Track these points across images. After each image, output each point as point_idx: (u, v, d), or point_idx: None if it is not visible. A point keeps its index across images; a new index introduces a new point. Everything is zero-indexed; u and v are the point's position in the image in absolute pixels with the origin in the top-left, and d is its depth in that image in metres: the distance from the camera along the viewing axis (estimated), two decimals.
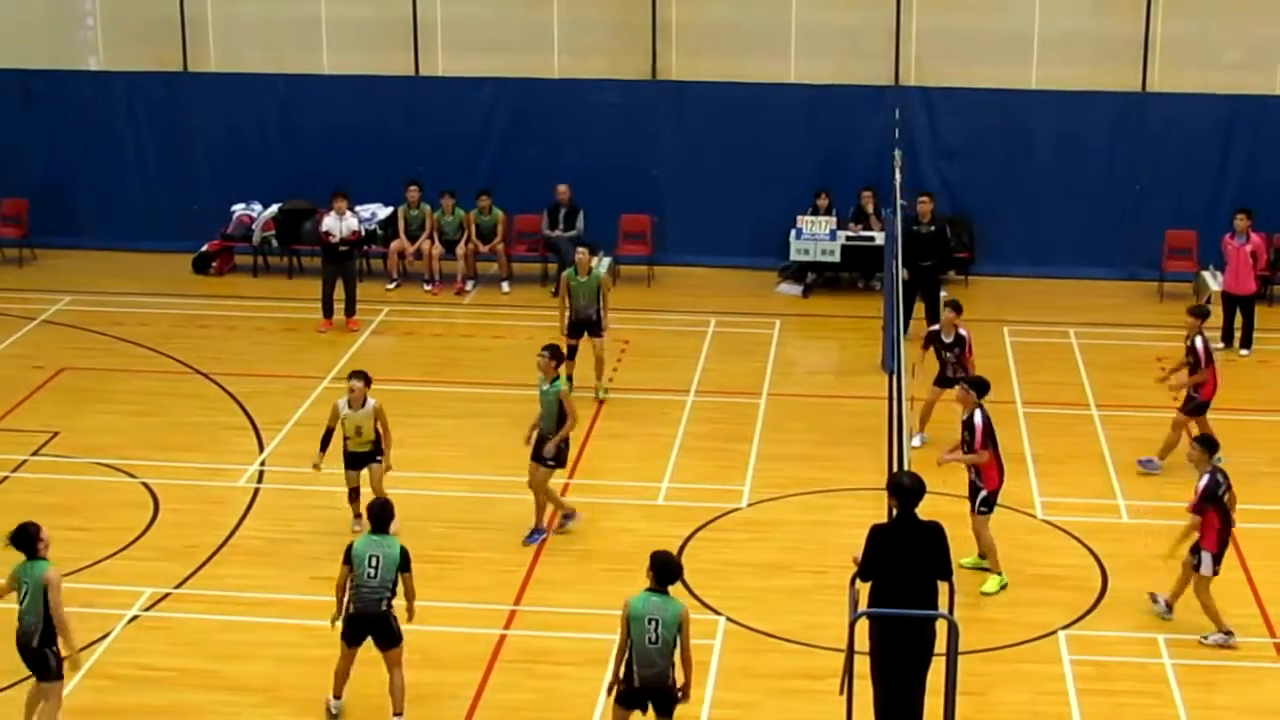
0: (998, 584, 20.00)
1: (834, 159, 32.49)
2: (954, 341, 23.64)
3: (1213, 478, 19.03)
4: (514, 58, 33.35)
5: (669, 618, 15.60)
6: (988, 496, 20.04)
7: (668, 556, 16.00)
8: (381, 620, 17.03)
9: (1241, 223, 28.40)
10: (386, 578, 16.92)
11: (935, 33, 32.69)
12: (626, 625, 15.68)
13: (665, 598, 15.70)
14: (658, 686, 15.78)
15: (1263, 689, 18.10)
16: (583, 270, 25.98)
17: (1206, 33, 32.21)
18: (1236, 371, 27.70)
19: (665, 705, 15.88)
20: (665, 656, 15.66)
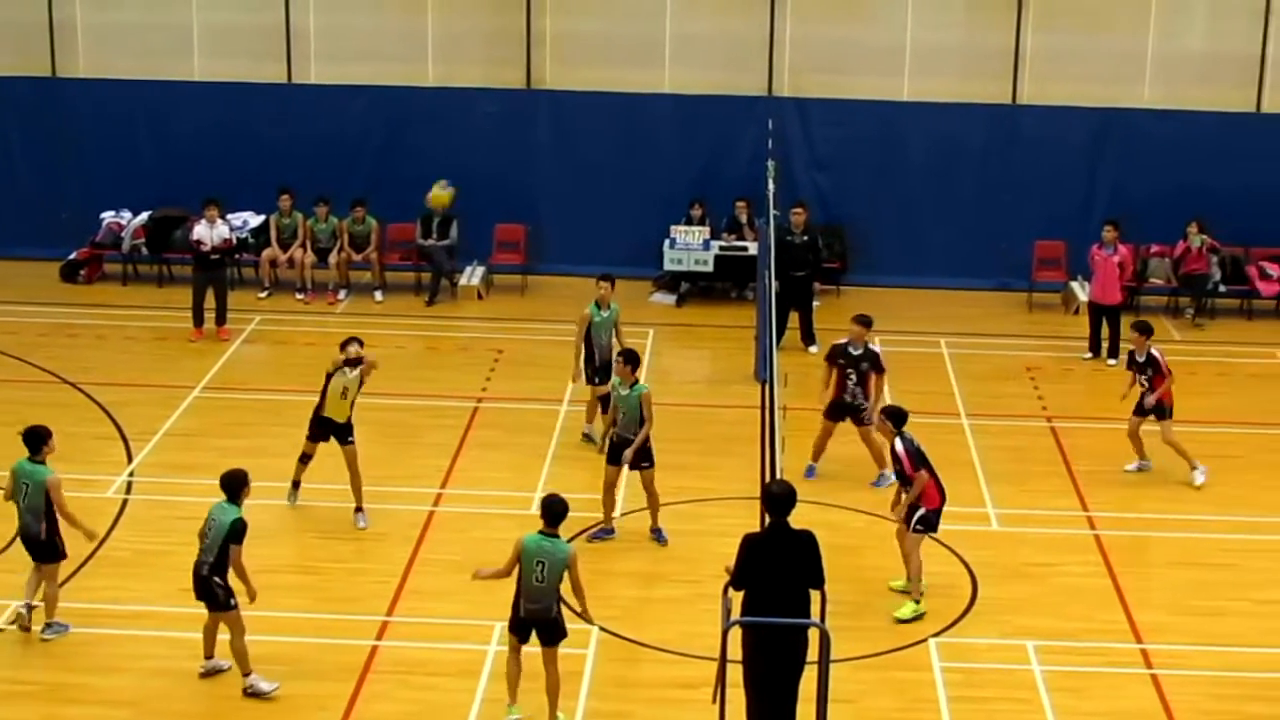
0: (912, 611, 19.83)
1: (709, 169, 32.60)
2: (863, 355, 23.38)
3: None
4: (389, 66, 33.24)
5: (556, 560, 16.80)
6: (926, 515, 19.81)
7: (553, 498, 17.13)
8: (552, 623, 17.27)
9: (1110, 234, 28.72)
10: (553, 581, 17.08)
11: (809, 43, 32.89)
12: (517, 558, 16.93)
13: (554, 540, 16.88)
14: (543, 618, 16.98)
15: (1129, 694, 18.28)
16: (604, 304, 24.35)
17: (1076, 46, 32.60)
18: (1104, 381, 28.00)
19: (549, 636, 17.03)
20: (550, 594, 16.90)
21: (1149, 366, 23.54)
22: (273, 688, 17.71)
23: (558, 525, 17.03)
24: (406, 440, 24.81)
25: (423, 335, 29.87)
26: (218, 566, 17.60)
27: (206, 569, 17.64)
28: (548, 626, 17.08)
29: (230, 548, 17.55)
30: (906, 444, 19.93)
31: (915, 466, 19.81)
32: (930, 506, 19.87)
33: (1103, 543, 21.82)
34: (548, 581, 16.88)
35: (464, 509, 22.54)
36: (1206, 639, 19.44)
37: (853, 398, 23.29)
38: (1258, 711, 18.02)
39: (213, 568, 17.63)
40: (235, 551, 17.57)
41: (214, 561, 17.62)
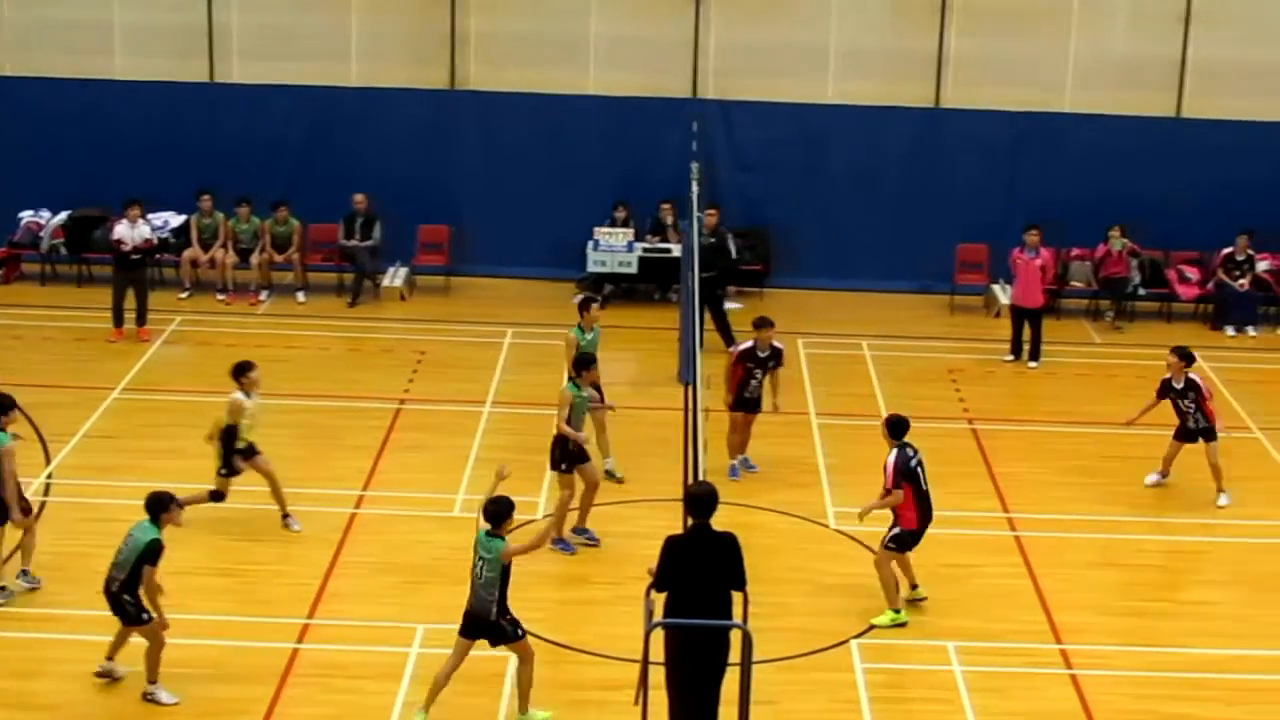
0: (891, 619, 19.82)
1: (633, 170, 32.59)
2: (770, 355, 23.53)
3: None
4: (312, 66, 33.09)
5: (492, 557, 16.88)
6: (899, 534, 19.81)
7: (495, 499, 17.18)
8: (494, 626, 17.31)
9: (1032, 238, 28.86)
10: (491, 579, 17.10)
11: (734, 46, 32.94)
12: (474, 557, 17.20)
13: (494, 539, 16.94)
14: (484, 618, 17.05)
15: (1050, 695, 18.39)
16: (589, 326, 23.52)
17: (998, 50, 32.77)
18: (1025, 383, 28.22)
19: (494, 637, 17.16)
20: (490, 591, 16.95)
21: (1190, 391, 23.18)
22: (173, 701, 17.55)
23: (499, 526, 17.05)
24: (328, 442, 24.71)
25: (345, 337, 29.76)
26: (129, 584, 17.47)
27: (117, 585, 17.52)
28: (490, 629, 17.15)
29: (144, 568, 17.40)
30: (899, 457, 19.85)
31: (897, 482, 19.77)
32: (906, 527, 19.86)
33: (1023, 544, 21.93)
34: (485, 579, 16.98)
35: (386, 511, 22.47)
36: (1126, 639, 19.60)
37: (753, 393, 23.58)
38: (1177, 711, 18.16)
39: (124, 585, 17.50)
40: (149, 573, 17.41)
41: (125, 579, 17.49)
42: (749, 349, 23.63)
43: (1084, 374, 28.88)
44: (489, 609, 17.07)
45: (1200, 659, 19.18)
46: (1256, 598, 21.01)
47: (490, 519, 17.12)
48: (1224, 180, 32.08)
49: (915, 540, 19.96)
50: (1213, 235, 31.56)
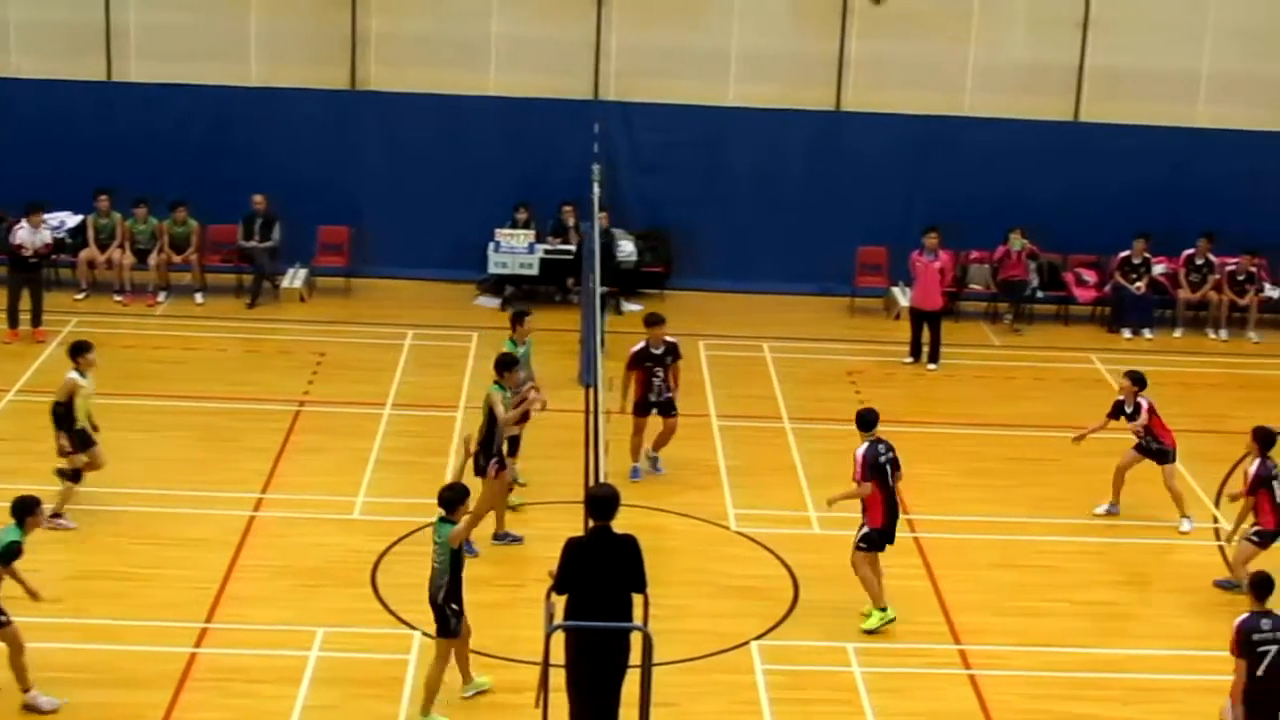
0: (880, 620, 19.90)
1: (534, 172, 32.53)
2: (665, 350, 23.57)
3: (1262, 464, 20.54)
4: (211, 66, 32.83)
5: (442, 542, 17.19)
6: (868, 533, 19.84)
7: (450, 486, 17.60)
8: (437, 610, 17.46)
9: (931, 240, 29.01)
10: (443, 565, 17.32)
11: (635, 48, 32.95)
12: None
13: (445, 524, 17.21)
14: (432, 602, 17.31)
15: (948, 695, 18.51)
16: (522, 339, 22.96)
17: (899, 54, 32.90)
18: (925, 386, 28.37)
19: (436, 623, 17.37)
20: (441, 576, 17.14)
21: (1139, 414, 22.89)
22: (54, 706, 17.34)
23: (452, 511, 17.26)
24: (227, 444, 24.55)
25: (244, 338, 29.58)
26: None
27: None
28: (435, 612, 17.33)
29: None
30: (869, 450, 19.92)
31: (865, 476, 19.80)
32: (873, 525, 19.88)
33: (922, 545, 22.04)
34: (438, 564, 17.22)
35: (285, 514, 22.35)
36: (1024, 639, 19.73)
37: (658, 394, 23.51)
38: (1074, 711, 18.32)
39: None
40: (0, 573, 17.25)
41: None
42: (642, 349, 23.61)
43: (983, 376, 29.07)
44: (437, 593, 17.23)
45: (1096, 659, 19.36)
46: (1151, 598, 21.27)
47: (443, 505, 17.29)
48: (1121, 184, 32.41)
49: (884, 539, 19.96)
50: (1110, 239, 31.81)
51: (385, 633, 19.30)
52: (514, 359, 21.47)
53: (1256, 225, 32.33)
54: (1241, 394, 28.76)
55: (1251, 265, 31.84)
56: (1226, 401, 28.17)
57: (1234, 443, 24.17)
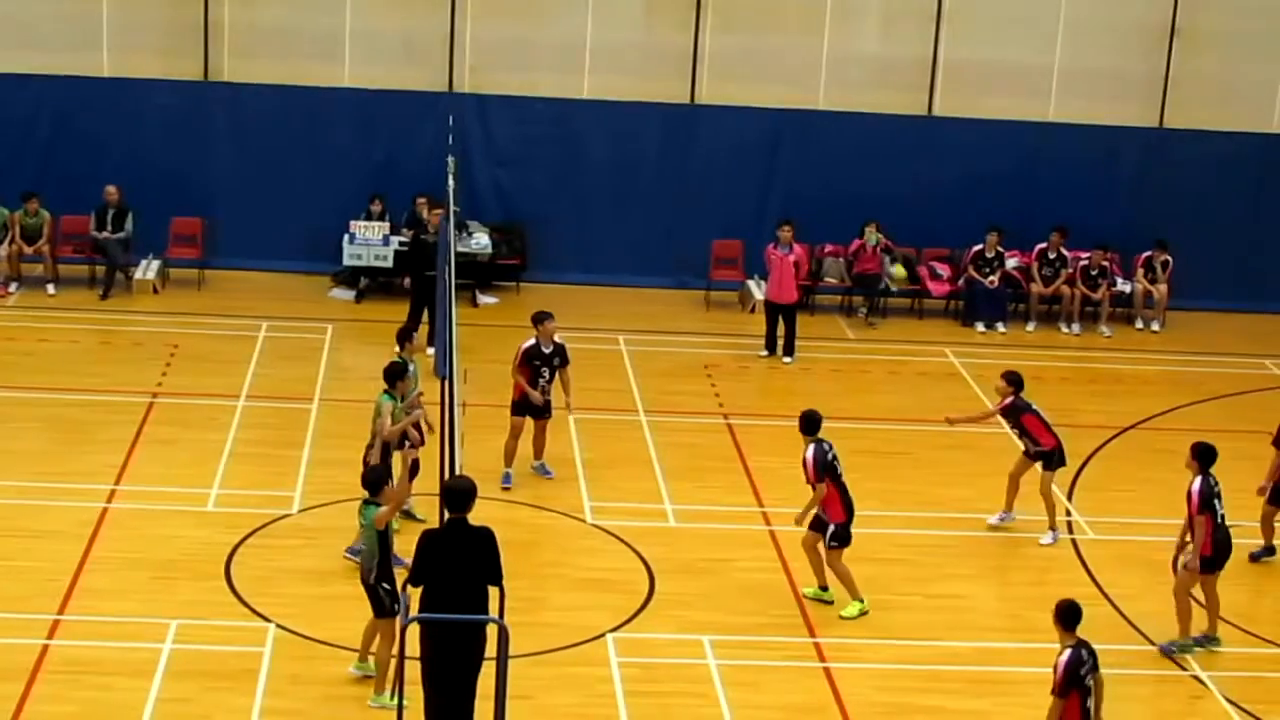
0: (857, 609, 20.14)
1: (389, 164, 32.46)
2: (555, 350, 23.23)
3: (1204, 483, 19.48)
4: (61, 56, 32.46)
5: (367, 523, 17.51)
6: (836, 530, 19.99)
7: (371, 469, 18.30)
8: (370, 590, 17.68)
9: (785, 233, 29.21)
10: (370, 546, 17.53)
11: (489, 40, 32.94)
12: None
13: (370, 506, 17.54)
14: (364, 582, 17.64)
15: (802, 688, 18.64)
16: (410, 355, 22.17)
17: (753, 47, 33.10)
18: (780, 378, 28.57)
19: (372, 605, 17.61)
20: (370, 558, 17.48)
21: (1015, 414, 22.48)
22: None
23: (376, 493, 17.55)
24: (79, 436, 24.34)
25: (96, 329, 29.33)
26: None
27: None
28: (369, 594, 17.57)
29: None
30: (816, 451, 20.09)
31: (819, 477, 19.97)
32: (836, 520, 20.05)
33: (777, 538, 22.18)
34: (368, 547, 17.53)
35: (138, 506, 22.18)
36: (878, 632, 19.90)
37: (544, 393, 23.24)
38: (927, 704, 18.49)
39: None
40: None
41: None
42: (533, 346, 23.16)
43: (838, 369, 29.32)
44: (368, 575, 17.45)
45: (949, 652, 19.55)
46: (1003, 591, 21.55)
47: (368, 487, 17.62)
48: (974, 178, 32.78)
49: (848, 531, 20.14)
50: (963, 233, 32.16)
51: (239, 625, 19.21)
52: (403, 368, 21.09)
53: (1108, 220, 32.84)
54: (1093, 388, 29.25)
55: (1104, 260, 32.27)
56: (1078, 395, 28.62)
57: (1085, 437, 24.66)
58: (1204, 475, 19.52)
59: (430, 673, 16.01)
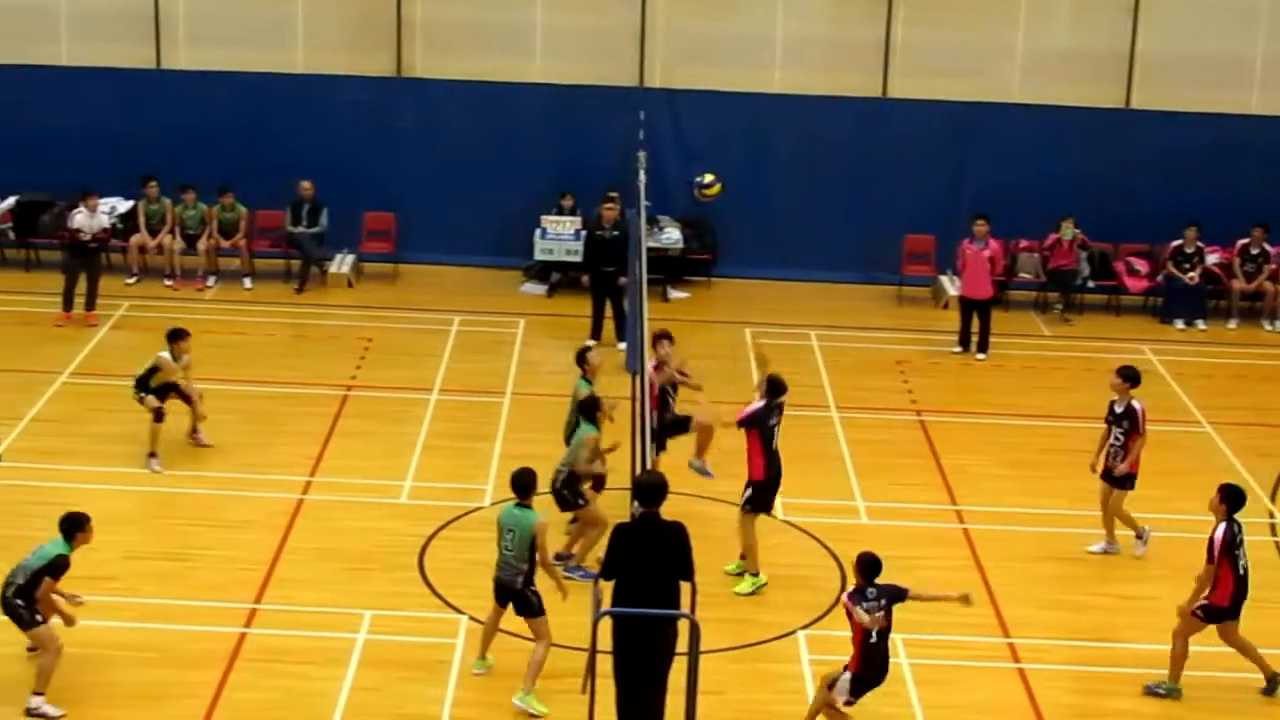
0: (751, 585, 20.14)
1: (579, 159, 32.50)
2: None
3: (1228, 529, 18.24)
4: (257, 52, 32.94)
5: (523, 530, 17.35)
6: (750, 493, 20.19)
7: (522, 472, 17.69)
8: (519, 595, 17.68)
9: (980, 228, 28.92)
10: (521, 551, 17.50)
11: (680, 35, 32.94)
12: (497, 531, 17.66)
13: (525, 511, 17.46)
14: (510, 588, 17.51)
15: (996, 688, 18.46)
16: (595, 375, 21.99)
17: (944, 40, 32.79)
18: (973, 375, 28.28)
19: (522, 608, 17.55)
20: (518, 562, 17.42)
21: (1125, 420, 21.30)
22: (58, 714, 17.17)
23: (527, 496, 17.53)
24: (274, 428, 24.64)
25: (292, 323, 29.68)
26: (24, 590, 17.19)
27: (12, 590, 17.24)
28: (517, 598, 17.52)
29: (44, 579, 17.22)
30: (756, 409, 20.37)
31: (746, 425, 20.23)
32: (753, 478, 20.26)
33: (971, 536, 21.97)
34: (517, 551, 17.38)
35: (332, 497, 22.42)
36: (1070, 633, 19.64)
37: (673, 413, 22.22)
38: (1120, 707, 18.23)
39: (20, 590, 17.22)
40: (47, 584, 17.25)
41: (23, 585, 17.21)
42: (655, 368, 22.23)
43: (1031, 366, 28.99)
44: (516, 579, 17.47)
45: (1140, 654, 19.14)
46: None
47: (517, 491, 17.57)
48: (1172, 171, 32.14)
49: (765, 499, 20.36)
50: (1160, 228, 31.66)
51: (432, 617, 19.37)
52: (597, 400, 20.80)
53: None
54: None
55: None
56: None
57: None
58: (1229, 521, 18.31)
59: (622, 667, 16.00)
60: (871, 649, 16.71)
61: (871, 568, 16.98)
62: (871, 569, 16.97)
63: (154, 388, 22.86)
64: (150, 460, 22.61)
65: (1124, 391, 21.36)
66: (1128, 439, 21.27)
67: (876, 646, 16.73)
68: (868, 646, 16.70)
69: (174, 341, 23.08)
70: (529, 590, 17.48)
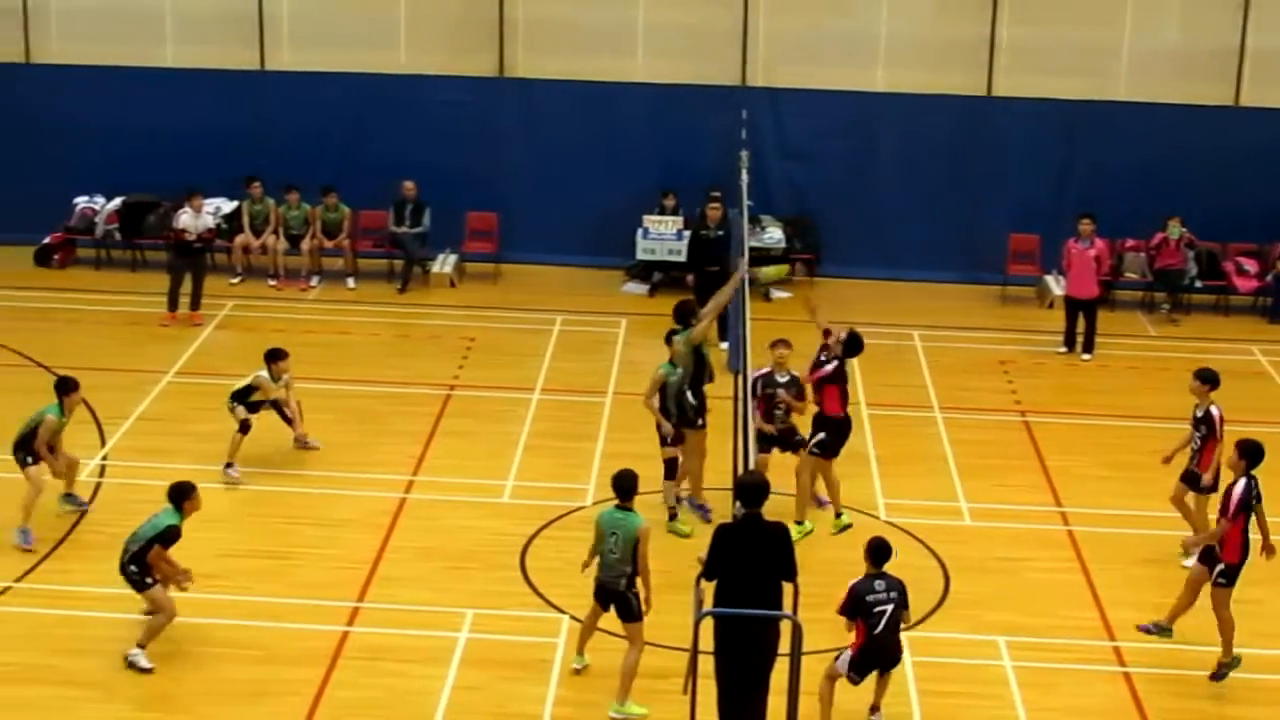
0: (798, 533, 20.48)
1: (680, 159, 32.46)
2: (789, 382, 22.15)
3: (1246, 487, 18.26)
4: (360, 53, 33.10)
5: (627, 533, 17.33)
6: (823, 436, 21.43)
7: (624, 474, 17.73)
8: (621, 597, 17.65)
9: (1086, 227, 28.68)
10: (626, 554, 17.52)
11: (782, 34, 32.83)
12: (596, 534, 17.68)
13: (627, 513, 17.47)
14: (614, 591, 17.46)
15: (1100, 691, 18.30)
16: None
17: (1050, 38, 32.53)
18: (1079, 376, 28.05)
19: (622, 611, 17.51)
20: (621, 566, 17.38)
21: (1204, 424, 20.92)
22: (149, 667, 17.87)
23: (629, 499, 17.58)
24: (377, 428, 24.74)
25: (394, 323, 29.78)
26: (137, 556, 17.96)
27: (127, 557, 18.01)
28: (619, 601, 17.52)
29: (154, 546, 17.88)
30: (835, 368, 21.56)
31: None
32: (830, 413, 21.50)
33: (1075, 538, 21.79)
34: (620, 554, 17.36)
35: (435, 497, 22.50)
36: (1177, 638, 19.34)
37: (779, 425, 22.11)
38: (1228, 713, 18.06)
39: (133, 556, 18.00)
40: (157, 551, 17.90)
41: (136, 551, 17.99)
42: (766, 374, 22.17)
43: (1136, 366, 28.71)
44: (619, 582, 17.47)
45: (1251, 659, 18.84)
46: None
47: (619, 493, 17.60)
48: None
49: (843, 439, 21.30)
50: (1270, 227, 31.31)
51: (534, 616, 19.40)
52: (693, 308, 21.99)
53: None
54: None
55: None
56: None
57: None
58: (1248, 477, 18.30)
59: (724, 667, 15.96)
60: (875, 639, 16.98)
61: (881, 553, 17.21)
62: (881, 554, 17.20)
63: (250, 403, 22.97)
64: (227, 469, 22.61)
65: (1203, 394, 21.09)
66: (1205, 444, 20.94)
67: (880, 638, 16.98)
68: (871, 638, 16.98)
69: (272, 362, 23.11)
70: (630, 593, 17.44)
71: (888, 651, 17.13)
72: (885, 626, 16.92)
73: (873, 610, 16.92)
